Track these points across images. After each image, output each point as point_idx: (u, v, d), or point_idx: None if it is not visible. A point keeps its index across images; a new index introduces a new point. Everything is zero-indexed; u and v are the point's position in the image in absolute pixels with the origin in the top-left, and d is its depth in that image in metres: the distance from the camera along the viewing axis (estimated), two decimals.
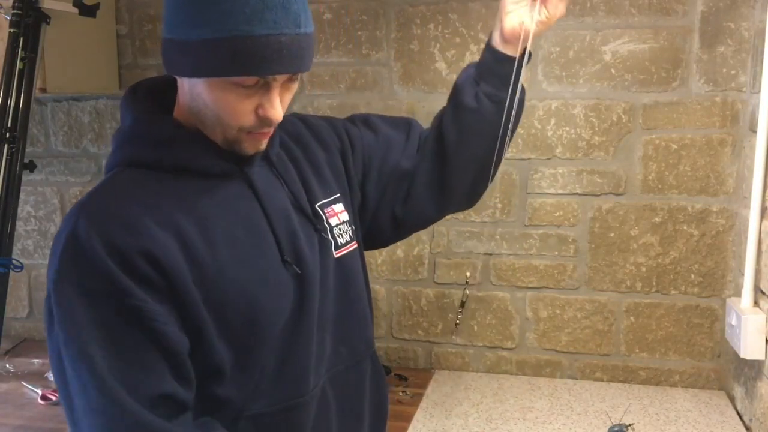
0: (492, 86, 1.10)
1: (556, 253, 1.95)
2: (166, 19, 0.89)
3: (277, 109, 0.90)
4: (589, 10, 1.86)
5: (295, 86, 0.94)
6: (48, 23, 1.81)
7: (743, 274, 1.67)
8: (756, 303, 1.64)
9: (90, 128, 2.25)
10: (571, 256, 1.95)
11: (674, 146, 1.85)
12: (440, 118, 1.16)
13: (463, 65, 1.93)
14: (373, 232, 1.18)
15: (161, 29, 0.93)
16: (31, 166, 1.94)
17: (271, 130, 0.95)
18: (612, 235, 1.91)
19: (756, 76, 1.70)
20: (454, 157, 1.14)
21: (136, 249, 0.85)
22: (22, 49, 1.77)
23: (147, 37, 2.15)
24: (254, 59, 0.84)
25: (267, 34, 0.84)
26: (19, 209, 1.92)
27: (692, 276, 1.88)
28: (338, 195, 1.09)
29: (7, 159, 1.79)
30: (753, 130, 1.67)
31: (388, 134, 1.18)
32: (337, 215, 1.07)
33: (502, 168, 1.94)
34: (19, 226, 2.25)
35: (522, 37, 1.07)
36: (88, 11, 1.89)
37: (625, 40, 1.84)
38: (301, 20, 0.87)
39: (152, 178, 0.92)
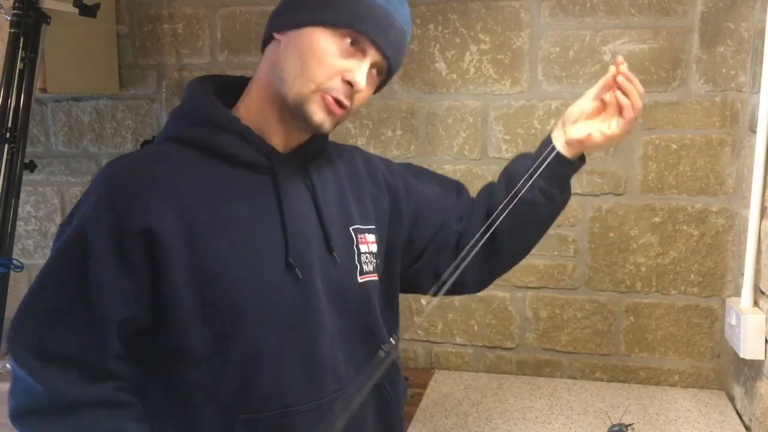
0: (548, 183, 1.12)
1: (556, 253, 1.95)
2: None
3: (362, 78, 0.95)
4: (589, 10, 1.86)
5: (377, 82, 1.01)
6: (48, 23, 1.81)
7: (743, 274, 1.67)
8: (756, 303, 1.65)
9: (90, 128, 2.26)
10: (571, 256, 1.95)
11: (674, 146, 1.85)
12: (491, 199, 1.18)
13: (463, 65, 1.95)
14: (413, 284, 1.22)
15: (161, 29, 0.96)
16: (31, 166, 1.94)
17: (342, 109, 0.97)
18: (612, 235, 1.91)
19: (755, 76, 1.70)
20: (506, 238, 1.15)
21: (138, 226, 0.90)
22: (22, 50, 1.77)
23: (147, 37, 2.15)
24: (368, 18, 0.94)
25: (386, 8, 0.95)
26: (20, 209, 1.92)
27: (692, 276, 1.88)
28: (374, 227, 1.11)
29: (7, 159, 1.79)
30: (753, 130, 1.67)
31: (445, 195, 1.22)
32: (368, 244, 1.09)
33: (502, 167, 1.94)
34: (20, 226, 2.25)
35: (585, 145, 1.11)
36: (89, 11, 1.89)
37: (624, 40, 1.84)
38: (409, 24, 1.01)
39: (181, 153, 0.97)
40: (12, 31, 1.76)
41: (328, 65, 0.93)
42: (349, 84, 0.94)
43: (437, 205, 1.21)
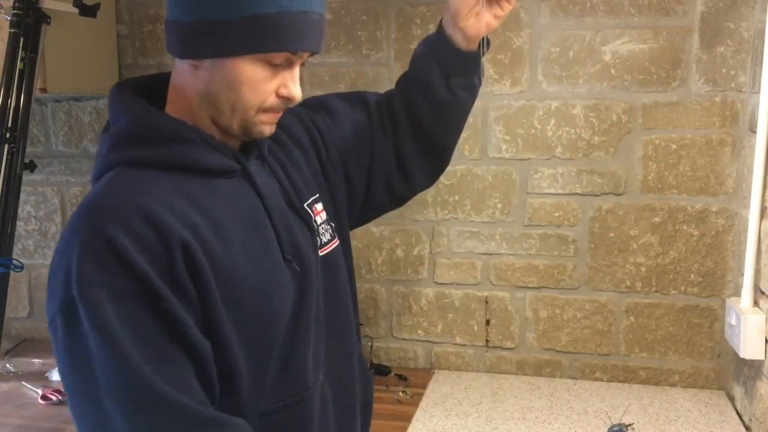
0: (463, 77, 1.16)
1: (556, 253, 1.95)
2: (182, 3, 0.89)
3: (297, 89, 0.93)
4: (589, 10, 1.86)
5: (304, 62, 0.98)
6: (48, 23, 1.81)
7: (743, 274, 1.67)
8: (756, 303, 1.65)
9: (90, 128, 2.26)
10: (571, 256, 1.95)
11: (674, 146, 1.85)
12: (411, 108, 1.18)
13: None
14: (371, 208, 1.22)
15: (161, 29, 0.94)
16: (31, 166, 1.94)
17: (283, 111, 0.96)
18: (612, 235, 1.91)
19: (755, 77, 1.70)
20: (440, 139, 1.22)
21: (166, 247, 0.82)
22: (22, 50, 1.77)
23: (147, 38, 2.16)
24: (292, 35, 0.88)
25: (304, 11, 0.88)
26: (20, 209, 1.92)
27: (692, 276, 1.88)
28: (318, 195, 1.10)
29: (7, 159, 1.79)
30: (753, 130, 1.67)
31: (351, 117, 1.19)
32: (319, 214, 1.08)
33: (502, 168, 1.96)
34: (20, 226, 2.25)
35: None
36: (89, 11, 1.89)
37: (624, 40, 1.84)
38: (324, 2, 0.93)
39: (156, 177, 0.88)
40: (12, 31, 1.76)
41: (262, 91, 0.91)
42: (287, 97, 0.93)
43: (357, 132, 1.18)
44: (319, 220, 1.07)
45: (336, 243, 1.10)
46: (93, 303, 0.79)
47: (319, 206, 1.09)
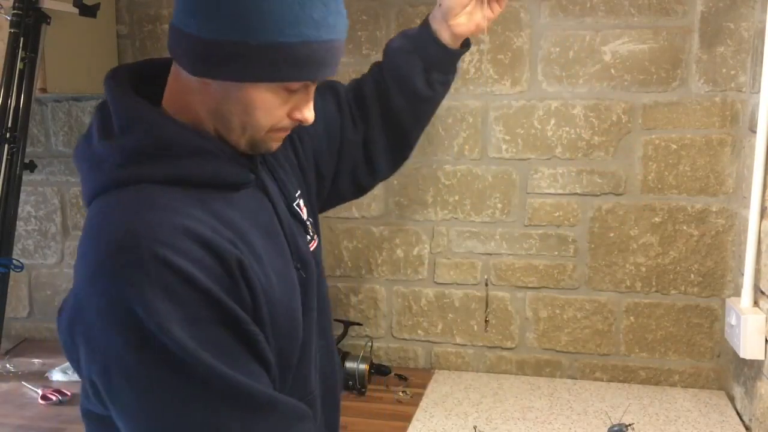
0: (443, 73, 1.21)
1: (556, 253, 1.95)
2: (202, 18, 0.82)
3: (311, 114, 0.91)
4: (589, 10, 1.86)
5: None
6: (48, 23, 1.81)
7: (743, 274, 1.67)
8: (756, 303, 1.65)
9: None
10: (571, 256, 1.95)
11: (674, 146, 1.85)
12: (385, 101, 1.20)
13: (463, 65, 1.95)
14: (333, 199, 1.23)
15: (161, 29, 0.92)
16: (31, 166, 1.94)
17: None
18: (612, 235, 1.91)
19: (755, 77, 1.70)
20: (410, 132, 1.25)
21: (224, 266, 0.80)
22: (22, 50, 1.77)
23: (147, 38, 2.15)
24: (315, 65, 0.85)
25: (330, 39, 0.85)
26: (20, 209, 1.92)
27: (692, 276, 1.88)
28: (299, 191, 1.09)
29: (7, 159, 1.79)
30: (753, 130, 1.67)
31: (322, 108, 1.17)
32: (303, 211, 1.07)
33: (502, 168, 1.96)
34: (20, 226, 2.25)
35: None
36: (89, 11, 1.89)
37: (624, 40, 1.84)
38: (346, 23, 0.90)
39: (180, 193, 0.84)
40: (12, 31, 1.76)
41: (276, 115, 0.88)
42: (299, 120, 0.92)
43: (328, 125, 1.17)
44: (303, 217, 1.06)
45: (317, 240, 1.09)
46: (173, 334, 0.74)
47: (302, 203, 1.08)
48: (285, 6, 0.80)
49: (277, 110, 0.88)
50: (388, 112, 1.19)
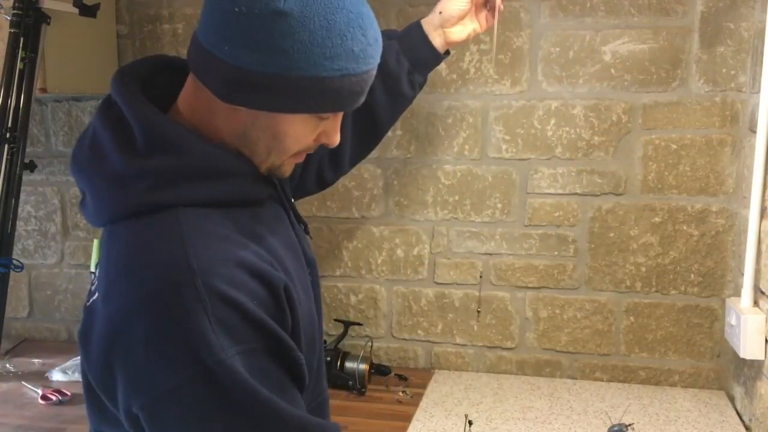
0: (423, 76, 1.30)
1: (556, 253, 1.95)
2: (238, 47, 0.79)
3: (337, 137, 0.91)
4: (589, 10, 1.86)
5: None
6: (48, 23, 1.81)
7: (743, 274, 1.67)
8: (756, 303, 1.65)
9: None
10: (571, 256, 1.95)
11: (674, 146, 1.85)
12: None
13: (463, 65, 1.95)
14: (298, 193, 1.25)
15: (161, 29, 0.91)
16: (31, 166, 1.94)
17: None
18: (612, 235, 1.91)
19: (756, 77, 1.70)
20: (382, 130, 1.32)
21: (274, 296, 0.81)
22: (22, 49, 1.77)
23: (147, 38, 2.15)
24: (353, 95, 0.84)
25: (368, 70, 0.85)
26: (20, 209, 1.92)
27: (692, 276, 1.88)
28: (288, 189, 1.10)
29: (7, 159, 1.79)
30: (753, 130, 1.67)
31: None
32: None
33: (502, 168, 1.96)
34: (20, 226, 2.25)
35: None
36: (89, 11, 1.89)
37: (624, 40, 1.84)
38: (381, 44, 0.88)
39: (215, 215, 0.83)
40: (12, 31, 1.76)
41: (306, 141, 0.88)
42: (325, 144, 0.91)
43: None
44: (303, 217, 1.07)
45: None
46: (232, 369, 0.74)
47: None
48: (326, 40, 0.79)
49: (307, 138, 0.88)
50: (366, 108, 1.15)
